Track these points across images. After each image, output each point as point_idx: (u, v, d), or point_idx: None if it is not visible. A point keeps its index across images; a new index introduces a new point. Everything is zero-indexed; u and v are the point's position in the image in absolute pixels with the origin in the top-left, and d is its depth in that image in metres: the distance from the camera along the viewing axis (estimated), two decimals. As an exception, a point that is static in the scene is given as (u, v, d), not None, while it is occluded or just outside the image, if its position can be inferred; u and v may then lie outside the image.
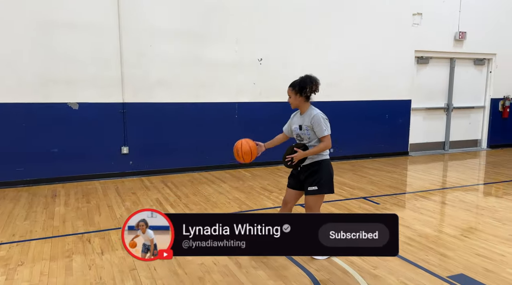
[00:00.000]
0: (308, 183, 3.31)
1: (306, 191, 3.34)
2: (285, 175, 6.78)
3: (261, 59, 7.26)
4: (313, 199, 3.30)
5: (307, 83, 3.35)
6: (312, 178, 3.28)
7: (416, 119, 8.92)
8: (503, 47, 9.32)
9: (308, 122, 3.33)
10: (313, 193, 3.28)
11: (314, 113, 3.34)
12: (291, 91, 3.42)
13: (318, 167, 3.30)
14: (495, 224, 4.34)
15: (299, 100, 3.39)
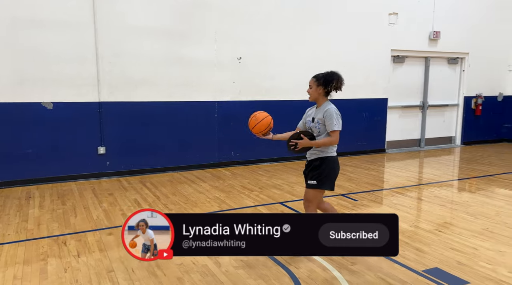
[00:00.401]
0: (309, 177, 3.36)
1: (306, 184, 3.40)
2: (265, 173, 6.81)
3: (240, 57, 7.25)
4: (312, 193, 3.34)
5: (333, 78, 3.37)
6: (313, 173, 3.32)
7: (393, 117, 9.10)
8: (475, 47, 9.61)
9: (321, 116, 3.34)
10: (312, 187, 3.32)
11: (328, 107, 3.35)
12: (313, 82, 3.41)
13: (321, 163, 3.32)
14: (468, 219, 4.47)
15: (319, 92, 3.38)
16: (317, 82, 3.37)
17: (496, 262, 3.34)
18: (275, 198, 5.30)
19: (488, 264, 3.31)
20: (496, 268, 3.24)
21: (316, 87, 3.38)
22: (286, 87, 7.73)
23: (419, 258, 3.43)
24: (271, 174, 6.74)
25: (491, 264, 3.30)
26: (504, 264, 3.30)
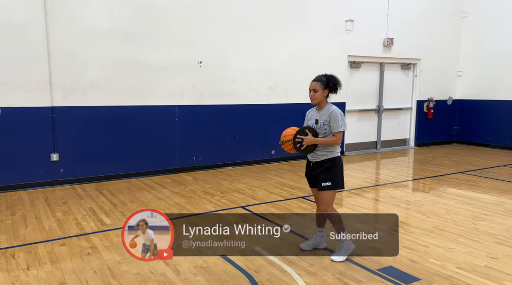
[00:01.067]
0: (322, 179, 3.42)
1: (320, 186, 3.44)
2: (227, 178, 6.79)
3: (201, 61, 7.21)
4: (327, 194, 3.43)
5: (336, 81, 3.48)
6: (326, 174, 3.40)
7: (351, 120, 9.37)
8: (426, 53, 10.12)
9: (326, 117, 3.42)
10: (328, 188, 3.41)
11: (332, 109, 3.44)
12: (319, 85, 3.45)
13: (331, 164, 3.41)
14: (421, 218, 4.69)
15: (324, 95, 3.46)
16: (323, 85, 3.45)
17: (445, 259, 3.52)
18: (237, 203, 5.30)
19: (437, 260, 3.48)
20: (445, 264, 3.41)
21: (322, 90, 3.46)
22: (248, 91, 7.78)
23: (374, 257, 3.54)
24: (233, 178, 6.73)
25: (440, 261, 3.47)
26: (452, 260, 3.48)
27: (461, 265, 3.37)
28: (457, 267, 3.34)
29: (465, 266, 3.36)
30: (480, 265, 3.37)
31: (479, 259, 3.50)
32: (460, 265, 3.37)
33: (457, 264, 3.40)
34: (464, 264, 3.39)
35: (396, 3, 9.33)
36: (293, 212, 4.90)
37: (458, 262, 3.44)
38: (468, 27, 10.54)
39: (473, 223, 4.44)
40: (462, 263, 3.41)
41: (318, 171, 3.45)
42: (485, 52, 10.21)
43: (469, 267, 3.33)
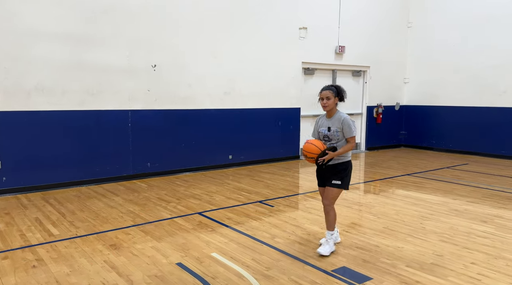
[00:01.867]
0: (333, 178, 3.71)
1: (330, 183, 3.73)
2: (183, 184, 6.68)
3: (155, 65, 7.06)
4: (335, 191, 3.74)
5: (343, 91, 3.76)
6: (339, 175, 3.70)
7: (305, 125, 9.59)
8: (375, 61, 10.61)
9: (339, 124, 3.68)
10: (337, 186, 3.71)
11: (343, 116, 3.71)
12: (331, 93, 3.68)
13: (345, 167, 3.73)
14: (372, 218, 4.88)
15: (335, 103, 3.71)
16: (334, 93, 3.68)
17: (394, 258, 3.68)
18: (194, 209, 5.22)
19: (388, 259, 3.63)
20: (395, 263, 3.56)
21: (333, 98, 3.68)
22: (204, 96, 7.72)
23: (329, 258, 3.63)
24: (190, 184, 6.63)
25: (391, 260, 3.63)
26: (402, 259, 3.65)
27: (409, 263, 3.54)
28: (406, 265, 3.50)
29: (414, 264, 3.53)
30: (427, 263, 3.55)
31: (426, 257, 3.70)
32: (409, 263, 3.54)
33: (406, 262, 3.57)
34: (412, 262, 3.56)
35: (346, 13, 9.71)
36: (251, 216, 4.90)
37: (407, 260, 3.61)
38: (414, 37, 11.20)
39: (420, 223, 4.69)
40: (410, 261, 3.58)
41: (333, 172, 3.73)
42: (429, 60, 10.88)
43: (417, 265, 3.50)
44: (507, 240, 4.11)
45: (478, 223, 4.66)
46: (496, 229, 4.44)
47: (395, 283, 3.17)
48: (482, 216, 4.95)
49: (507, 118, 9.39)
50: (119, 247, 3.88)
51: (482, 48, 9.73)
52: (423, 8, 10.93)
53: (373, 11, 10.37)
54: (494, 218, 4.85)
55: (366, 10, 10.19)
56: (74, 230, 4.37)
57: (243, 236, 4.20)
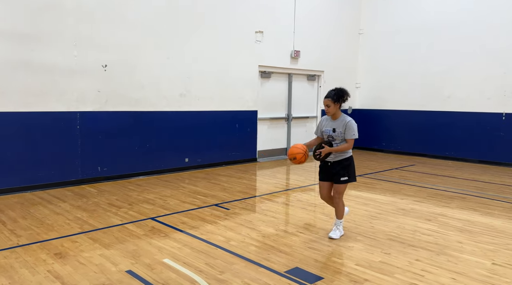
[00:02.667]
0: (341, 174, 4.11)
1: (338, 180, 4.13)
2: (136, 188, 6.48)
3: (105, 65, 6.81)
4: (343, 186, 4.17)
5: (344, 94, 4.08)
6: (344, 171, 4.11)
7: (262, 128, 9.67)
8: (329, 66, 10.92)
9: (343, 127, 4.06)
10: (345, 182, 4.13)
11: (348, 120, 4.10)
12: (331, 102, 4.06)
13: (349, 162, 4.16)
14: (324, 219, 4.99)
15: (337, 108, 4.10)
16: (334, 101, 4.06)
17: (345, 257, 3.78)
18: (146, 214, 5.08)
19: (339, 259, 3.73)
20: (345, 262, 3.66)
21: (333, 105, 4.07)
22: (158, 97, 7.55)
23: (282, 259, 3.67)
24: (143, 189, 6.45)
25: (341, 259, 3.72)
26: (352, 258, 3.76)
27: (359, 262, 3.65)
28: (356, 264, 3.61)
29: (363, 262, 3.65)
30: (375, 261, 3.68)
31: (375, 255, 3.83)
32: (359, 262, 3.65)
33: (356, 261, 3.68)
34: (362, 261, 3.68)
35: (301, 18, 9.92)
36: (206, 220, 4.85)
37: (356, 259, 3.73)
38: (364, 43, 11.66)
39: (370, 222, 4.86)
40: (360, 260, 3.70)
41: (338, 168, 4.12)
42: (379, 66, 11.37)
43: (366, 263, 3.62)
44: (449, 237, 4.36)
45: (423, 222, 4.91)
46: (439, 227, 4.70)
47: (345, 282, 3.25)
48: (426, 214, 5.22)
49: (451, 122, 10.00)
50: (64, 256, 3.68)
51: (428, 55, 10.32)
52: (373, 16, 11.41)
53: (327, 18, 10.67)
54: (437, 217, 5.13)
55: (320, 17, 10.46)
56: (15, 239, 4.09)
57: (197, 240, 4.14)
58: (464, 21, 9.63)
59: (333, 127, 4.13)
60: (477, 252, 3.92)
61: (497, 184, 7.26)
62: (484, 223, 4.85)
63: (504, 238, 4.32)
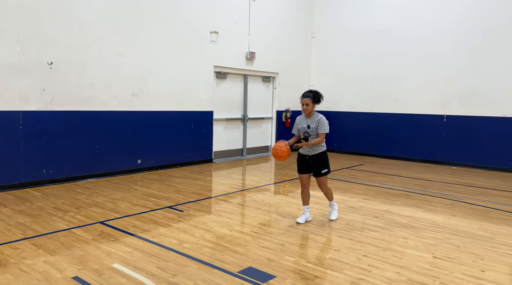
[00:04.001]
0: (321, 168, 4.77)
1: (319, 173, 4.77)
2: (84, 191, 6.21)
3: (51, 62, 6.47)
4: (325, 178, 4.86)
5: (320, 96, 4.70)
6: (323, 164, 4.78)
7: (218, 129, 9.64)
8: (283, 67, 11.10)
9: (315, 123, 4.65)
10: (325, 174, 4.81)
11: (320, 117, 4.70)
12: (310, 101, 4.65)
13: (325, 155, 4.84)
14: (278, 218, 5.07)
15: (313, 107, 4.69)
16: (313, 100, 4.65)
17: (297, 255, 3.87)
18: (95, 218, 4.89)
19: (291, 257, 3.80)
20: (297, 260, 3.75)
21: (312, 104, 4.66)
22: (109, 97, 7.29)
23: (235, 260, 3.68)
24: (92, 192, 6.20)
25: (294, 257, 3.80)
26: (303, 255, 3.85)
27: (310, 259, 3.75)
28: (307, 261, 3.71)
29: (314, 259, 3.75)
30: (326, 258, 3.80)
31: (325, 252, 3.96)
32: (310, 259, 3.75)
33: (307, 258, 3.77)
34: (313, 258, 3.78)
35: (256, 20, 10.01)
36: (158, 223, 4.75)
37: (308, 256, 3.82)
38: (317, 46, 11.98)
39: (321, 220, 5.01)
40: (311, 257, 3.80)
41: (317, 162, 4.74)
42: (330, 68, 11.74)
43: (317, 261, 3.73)
44: (394, 233, 4.60)
45: (371, 219, 5.14)
46: (386, 224, 4.94)
47: (297, 279, 3.32)
48: (374, 212, 5.47)
49: (397, 123, 10.53)
50: (4, 264, 3.46)
51: (376, 59, 10.79)
52: (325, 20, 11.76)
53: (281, 21, 10.84)
54: (384, 213, 5.38)
55: (274, 20, 10.62)
56: None
57: (149, 244, 4.05)
58: (409, 27, 10.18)
59: (308, 124, 4.68)
60: (419, 246, 4.15)
61: (439, 182, 7.75)
62: (427, 219, 5.16)
63: (444, 233, 4.62)
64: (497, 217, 5.32)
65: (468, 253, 3.98)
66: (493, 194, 6.75)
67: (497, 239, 4.44)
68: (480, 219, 5.21)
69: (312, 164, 4.78)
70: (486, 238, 4.47)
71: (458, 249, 4.10)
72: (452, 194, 6.65)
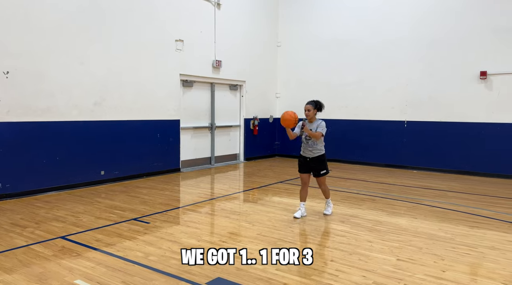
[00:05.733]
0: (320, 169, 5.36)
1: (319, 174, 5.37)
2: (44, 205, 5.95)
3: (7, 72, 6.19)
4: (324, 178, 5.44)
5: (322, 105, 5.32)
6: (322, 166, 5.36)
7: (185, 137, 9.54)
8: (250, 76, 11.18)
9: (316, 128, 5.24)
10: (324, 174, 5.39)
11: (320, 122, 5.32)
12: (311, 106, 5.29)
13: (324, 158, 5.40)
14: (247, 226, 5.06)
15: (315, 113, 5.31)
16: (314, 106, 5.28)
17: (265, 262, 3.86)
18: (56, 233, 4.68)
19: (259, 265, 3.80)
20: (266, 267, 3.74)
21: (313, 109, 5.29)
22: (70, 107, 7.05)
23: (203, 271, 3.63)
24: (53, 205, 5.94)
25: (261, 265, 3.80)
26: (272, 263, 3.86)
27: (279, 267, 3.76)
28: (276, 269, 3.71)
29: (282, 267, 3.76)
30: (294, 265, 3.82)
31: (294, 259, 3.98)
32: (279, 267, 3.76)
33: (276, 266, 3.78)
34: (281, 266, 3.79)
35: (221, 29, 10.04)
36: (123, 236, 4.61)
37: (277, 264, 3.83)
38: (283, 55, 12.18)
39: (290, 227, 5.05)
40: (279, 265, 3.81)
41: (317, 164, 5.33)
42: (295, 77, 11.95)
43: (286, 268, 3.74)
44: (360, 237, 4.70)
45: (337, 223, 5.23)
46: (351, 228, 5.05)
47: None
48: (340, 216, 5.58)
49: (360, 129, 10.83)
50: (-46, 287, 3.24)
51: (338, 67, 11.11)
52: (289, 30, 11.99)
53: (247, 30, 10.95)
54: (350, 218, 5.50)
55: (240, 28, 10.70)
56: None
57: (113, 258, 3.92)
58: (368, 36, 10.56)
59: (310, 128, 5.24)
60: (384, 249, 4.27)
61: (400, 185, 8.03)
62: (391, 223, 5.32)
63: (407, 235, 4.78)
64: (456, 218, 5.57)
65: (430, 254, 4.14)
66: (451, 196, 7.07)
67: (457, 239, 4.65)
68: (440, 221, 5.43)
69: (312, 166, 5.35)
70: (446, 239, 4.66)
71: (420, 250, 4.25)
72: (413, 197, 6.90)
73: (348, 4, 10.90)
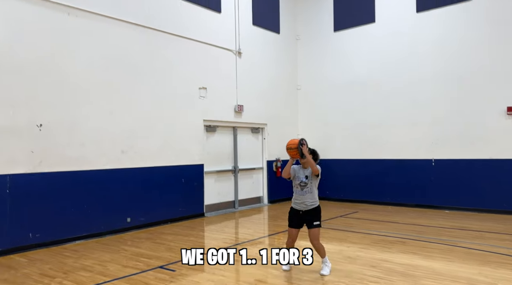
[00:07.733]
0: (314, 221, 4.83)
1: (312, 225, 4.81)
2: (73, 254, 5.99)
3: (41, 124, 6.51)
4: (318, 230, 4.84)
5: (317, 154, 5.07)
6: (316, 217, 4.86)
7: (209, 181, 9.59)
8: (272, 118, 11.34)
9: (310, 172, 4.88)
10: (318, 226, 4.84)
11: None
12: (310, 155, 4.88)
13: (319, 209, 4.94)
14: (275, 273, 4.91)
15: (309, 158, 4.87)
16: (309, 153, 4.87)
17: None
18: (83, 283, 4.68)
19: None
20: (296, 318, 3.58)
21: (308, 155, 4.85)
22: (98, 155, 7.28)
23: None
24: (81, 254, 5.98)
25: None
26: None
27: (310, 317, 3.58)
28: (307, 319, 3.54)
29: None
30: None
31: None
32: (309, 317, 3.58)
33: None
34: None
35: (242, 75, 10.37)
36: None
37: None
38: (303, 98, 12.36)
39: (316, 272, 4.86)
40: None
41: (310, 215, 4.83)
42: (317, 118, 12.03)
43: (317, 318, 3.56)
44: (394, 283, 4.48)
45: (369, 268, 5.02)
46: (383, 273, 4.82)
47: None
48: (371, 261, 5.35)
49: (387, 169, 10.62)
50: None
51: (362, 107, 11.13)
52: (309, 73, 12.24)
53: (267, 74, 11.25)
54: (381, 263, 5.27)
55: (260, 73, 11.01)
56: None
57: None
58: (391, 76, 10.62)
59: (306, 175, 4.90)
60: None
61: (433, 226, 7.70)
62: (425, 266, 5.06)
63: (445, 281, 4.51)
64: (496, 261, 5.25)
65: (471, 302, 3.87)
66: (489, 237, 6.70)
67: (499, 284, 4.35)
68: (479, 264, 5.13)
69: (305, 218, 4.84)
70: (487, 284, 4.38)
71: (460, 297, 4.00)
72: (448, 239, 6.59)
73: (370, 47, 11.11)
